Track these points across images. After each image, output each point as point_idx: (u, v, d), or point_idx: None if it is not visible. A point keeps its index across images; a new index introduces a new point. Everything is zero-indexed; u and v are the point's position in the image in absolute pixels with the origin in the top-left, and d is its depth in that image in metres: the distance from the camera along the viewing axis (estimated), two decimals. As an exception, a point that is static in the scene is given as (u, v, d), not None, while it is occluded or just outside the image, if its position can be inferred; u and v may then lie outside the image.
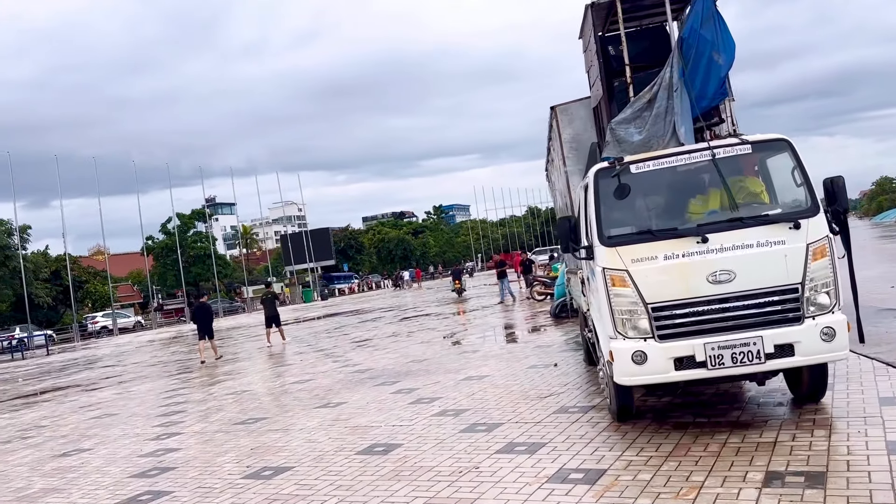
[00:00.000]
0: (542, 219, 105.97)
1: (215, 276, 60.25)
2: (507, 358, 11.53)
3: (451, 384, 9.74)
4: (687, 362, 5.65)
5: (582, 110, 7.82)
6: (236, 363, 17.11)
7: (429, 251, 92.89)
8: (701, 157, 5.97)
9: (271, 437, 8.00)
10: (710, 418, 6.35)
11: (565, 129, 7.81)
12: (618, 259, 5.78)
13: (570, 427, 6.58)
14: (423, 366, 11.95)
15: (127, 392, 14.48)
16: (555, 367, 10.07)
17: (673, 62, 6.21)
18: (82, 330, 51.52)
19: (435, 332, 17.90)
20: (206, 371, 16.24)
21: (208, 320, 19.01)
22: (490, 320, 19.26)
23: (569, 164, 7.81)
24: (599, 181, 6.04)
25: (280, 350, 18.80)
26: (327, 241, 71.61)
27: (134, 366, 21.08)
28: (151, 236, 66.31)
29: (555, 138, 8.40)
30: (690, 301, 5.64)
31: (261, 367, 15.55)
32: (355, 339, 18.63)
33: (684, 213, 6.12)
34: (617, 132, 6.31)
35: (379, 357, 14.02)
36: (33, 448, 9.56)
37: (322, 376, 12.39)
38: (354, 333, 20.77)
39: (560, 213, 10.99)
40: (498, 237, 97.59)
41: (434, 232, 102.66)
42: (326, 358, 15.19)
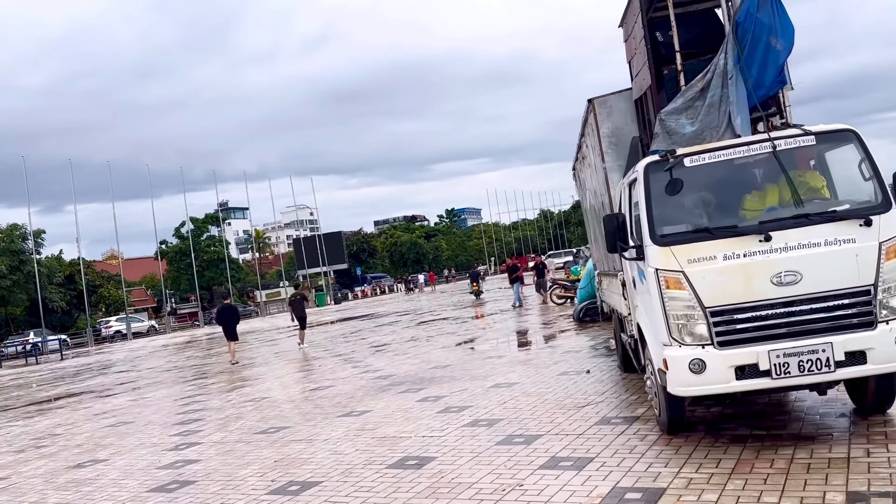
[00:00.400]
0: (555, 222, 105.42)
1: (229, 281, 60.08)
2: (535, 364, 11.10)
3: (479, 392, 9.32)
4: (749, 371, 5.21)
5: (622, 103, 7.41)
6: (253, 368, 16.76)
7: (441, 255, 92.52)
8: (760, 150, 5.54)
9: (295, 447, 7.61)
10: (769, 430, 5.91)
11: (604, 122, 7.40)
12: (672, 259, 5.35)
13: (616, 440, 6.15)
14: (446, 372, 11.54)
15: (142, 398, 14.16)
16: (587, 373, 9.63)
17: (727, 48, 5.78)
18: (96, 334, 51.48)
19: (455, 336, 17.49)
20: (223, 377, 15.90)
21: (234, 322, 18.75)
22: (510, 324, 18.84)
23: (608, 159, 7.39)
24: (650, 176, 5.62)
25: (298, 355, 18.44)
26: (340, 245, 71.45)
27: (149, 371, 20.79)
28: (165, 240, 66.36)
29: (590, 133, 7.99)
30: (753, 304, 5.20)
31: (278, 372, 15.19)
32: (373, 344, 18.25)
33: (739, 210, 5.68)
34: (667, 123, 5.89)
35: (400, 362, 13.62)
36: (47, 458, 9.22)
37: (342, 382, 12.01)
38: (372, 338, 20.39)
39: (591, 212, 10.56)
40: (511, 240, 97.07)
41: (447, 235, 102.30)
42: (345, 363, 14.81)
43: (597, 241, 10.38)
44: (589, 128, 8.03)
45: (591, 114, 7.53)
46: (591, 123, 7.75)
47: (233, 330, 18.63)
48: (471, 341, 15.93)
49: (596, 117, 7.41)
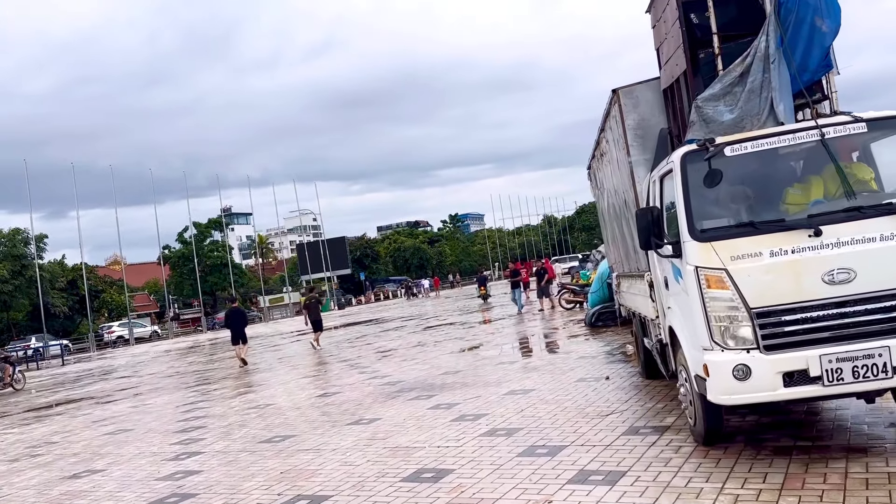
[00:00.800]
0: (559, 227, 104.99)
1: (232, 286, 59.72)
2: (549, 370, 10.67)
3: (494, 399, 8.89)
4: (798, 377, 4.78)
5: (649, 93, 7.00)
6: (256, 374, 16.34)
7: (445, 260, 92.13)
8: (806, 138, 5.12)
9: (302, 458, 7.19)
10: (814, 442, 5.48)
11: (629, 114, 6.99)
12: (714, 256, 4.93)
13: (648, 452, 5.72)
14: (458, 378, 11.11)
15: (143, 405, 13.75)
16: (607, 380, 9.20)
17: (769, 30, 5.37)
18: (98, 339, 51.12)
19: (463, 341, 17.06)
20: (226, 383, 15.48)
21: (242, 325, 18.66)
22: (519, 330, 18.40)
23: (633, 153, 6.98)
24: (687, 166, 5.21)
25: (302, 360, 18.03)
26: (343, 251, 71.07)
27: (150, 377, 20.39)
28: (168, 245, 66.08)
29: (613, 126, 7.58)
30: (802, 305, 4.78)
31: (283, 378, 14.77)
32: (380, 349, 17.82)
33: (781, 204, 5.26)
34: (704, 110, 5.48)
35: (408, 368, 13.19)
36: (42, 468, 8.81)
37: (350, 389, 11.58)
38: (378, 343, 19.96)
39: (609, 212, 10.14)
40: (514, 246, 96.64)
41: (450, 241, 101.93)
42: (352, 369, 14.38)
43: (615, 241, 9.97)
44: (612, 121, 7.62)
45: (616, 105, 7.12)
46: (614, 116, 7.34)
47: (241, 333, 18.54)
48: (480, 346, 15.50)
49: (621, 108, 7.00)
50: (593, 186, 11.83)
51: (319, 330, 20.77)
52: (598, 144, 9.64)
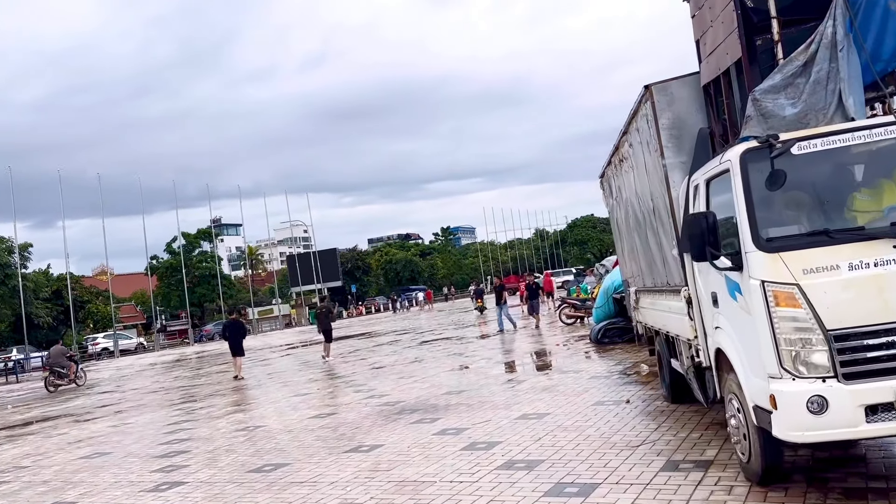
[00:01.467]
0: (550, 241, 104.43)
1: (220, 297, 58.70)
2: (561, 391, 9.95)
3: (505, 424, 8.16)
4: (883, 411, 4.10)
5: (685, 90, 6.35)
6: (246, 391, 15.52)
7: (437, 273, 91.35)
8: (885, 136, 4.46)
9: (296, 492, 6.43)
10: (889, 483, 4.78)
11: (663, 112, 6.33)
12: (783, 269, 4.25)
13: (696, 493, 5.00)
14: (462, 398, 10.37)
15: (123, 424, 12.91)
16: (627, 403, 8.50)
17: (836, 13, 4.73)
18: (82, 351, 49.90)
19: (463, 357, 16.32)
20: (213, 400, 14.66)
21: (240, 337, 18.60)
22: (521, 346, 17.67)
23: (668, 155, 6.32)
24: (748, 165, 4.53)
25: (304, 373, 17.23)
26: (334, 263, 70.25)
27: (133, 392, 19.50)
28: (156, 256, 65.07)
29: (643, 127, 6.91)
30: (888, 327, 4.11)
31: (273, 396, 13.97)
32: (375, 365, 17.05)
33: (847, 210, 4.60)
34: (762, 104, 4.82)
35: (407, 386, 12.44)
36: (6, 498, 7.98)
37: (346, 409, 10.82)
38: (372, 358, 19.17)
39: (627, 221, 9.47)
40: (507, 259, 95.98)
41: (442, 253, 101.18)
42: (346, 387, 13.61)
43: (633, 253, 9.29)
44: (640, 121, 6.96)
45: (648, 103, 6.46)
46: (644, 115, 6.68)
47: (240, 345, 18.43)
48: (481, 363, 14.76)
49: (654, 106, 6.33)
50: (606, 196, 11.16)
51: (329, 340, 20.49)
52: (618, 149, 8.98)
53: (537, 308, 23.35)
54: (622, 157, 8.74)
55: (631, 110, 7.42)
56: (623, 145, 8.50)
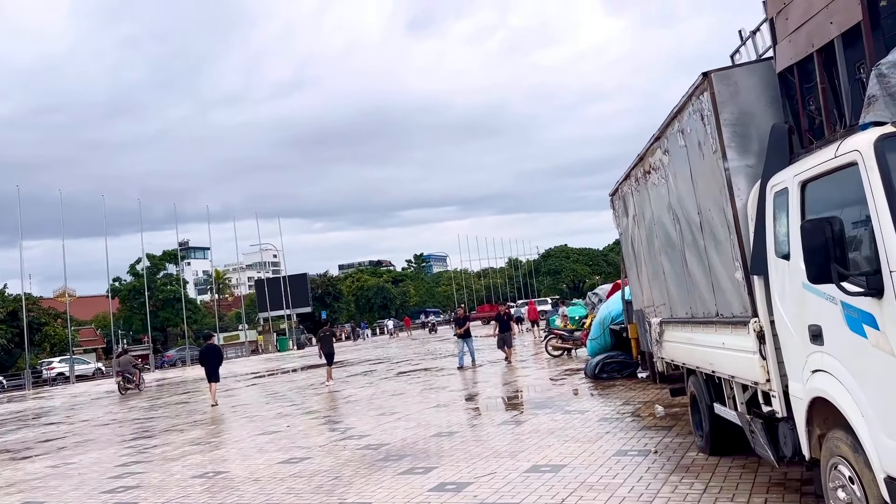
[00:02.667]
0: (524, 271, 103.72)
1: (184, 322, 56.49)
2: (571, 436, 8.70)
3: (516, 478, 6.88)
4: None
5: (752, 78, 5.27)
6: (207, 426, 13.99)
7: (409, 300, 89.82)
8: None
9: (264, 571, 5.06)
10: None
11: (726, 106, 5.24)
12: (950, 296, 3.10)
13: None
14: (456, 442, 9.07)
15: (65, 465, 11.32)
16: (655, 454, 7.28)
17: None
18: (36, 376, 47.43)
19: (446, 391, 15.00)
20: (169, 437, 13.11)
21: (217, 363, 18.32)
22: (509, 379, 16.38)
23: (731, 157, 5.21)
24: (888, 157, 3.40)
25: (271, 406, 15.71)
26: (305, 288, 68.35)
27: (83, 424, 17.76)
28: (119, 278, 62.74)
29: (692, 128, 5.80)
30: None
31: (237, 433, 12.49)
32: (350, 399, 15.63)
33: None
34: (890, 80, 3.70)
35: (390, 425, 11.08)
36: None
37: (321, 453, 9.44)
38: (347, 391, 17.73)
39: (648, 242, 8.34)
40: (480, 287, 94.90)
41: (414, 281, 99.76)
42: (321, 424, 12.19)
43: (658, 277, 8.14)
44: (691, 119, 5.84)
45: (704, 95, 5.35)
46: (699, 110, 5.56)
47: (216, 371, 18.13)
48: (470, 399, 13.47)
49: (714, 99, 5.23)
50: (619, 215, 10.05)
51: (331, 364, 20.59)
52: (643, 160, 7.87)
53: (509, 341, 20.93)
54: (649, 168, 7.63)
55: (673, 109, 6.31)
56: (652, 154, 7.39)
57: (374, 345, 47.42)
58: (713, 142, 5.40)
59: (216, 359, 18.45)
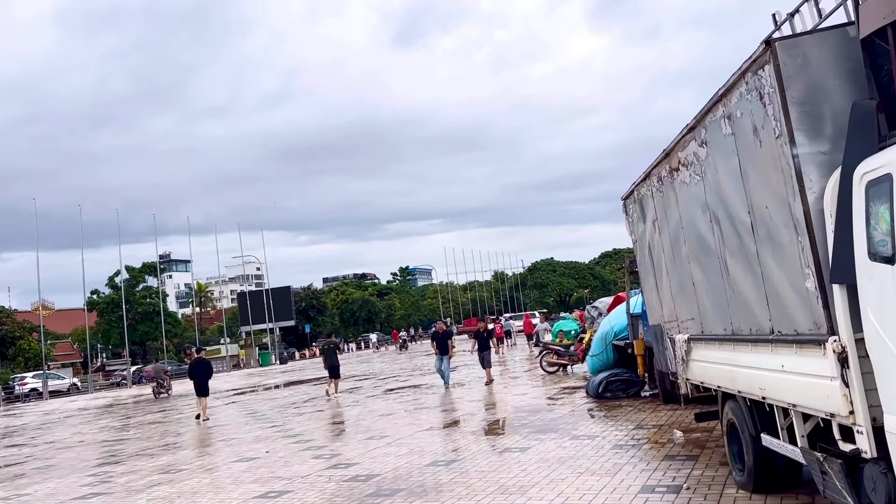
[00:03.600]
0: (510, 284, 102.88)
1: (163, 336, 54.97)
2: (586, 467, 7.75)
3: (529, 520, 5.91)
4: None
5: (825, 48, 4.40)
6: (178, 452, 12.87)
7: (395, 314, 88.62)
8: None
9: None
10: None
11: (793, 81, 4.38)
12: None
13: None
14: (455, 473, 8.09)
15: (17, 497, 10.21)
16: (687, 490, 6.35)
17: None
18: (8, 392, 45.78)
19: (438, 411, 14.03)
20: (137, 463, 11.99)
21: (206, 377, 18.04)
22: (505, 398, 15.39)
23: (800, 142, 4.34)
24: None
25: (251, 428, 14.62)
26: (288, 301, 67.01)
27: (47, 447, 16.54)
28: (97, 290, 61.13)
29: (744, 110, 4.92)
30: None
31: (211, 460, 11.42)
32: (335, 420, 14.59)
33: None
34: None
35: (380, 452, 10.08)
36: None
37: (303, 485, 8.41)
38: (331, 410, 16.68)
39: (670, 249, 7.45)
40: (466, 301, 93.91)
41: (400, 294, 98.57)
42: (303, 450, 11.14)
43: (685, 290, 7.24)
44: (744, 100, 4.95)
45: (767, 67, 4.47)
46: (758, 85, 4.67)
47: (205, 386, 17.88)
48: (463, 420, 12.48)
49: (779, 72, 4.35)
50: (634, 220, 9.16)
51: (336, 377, 20.27)
52: (668, 156, 6.99)
53: (488, 360, 18.90)
54: (678, 164, 6.75)
55: (717, 93, 5.43)
56: (683, 148, 6.50)
57: (359, 359, 46.25)
58: (776, 125, 4.51)
59: (205, 373, 18.15)
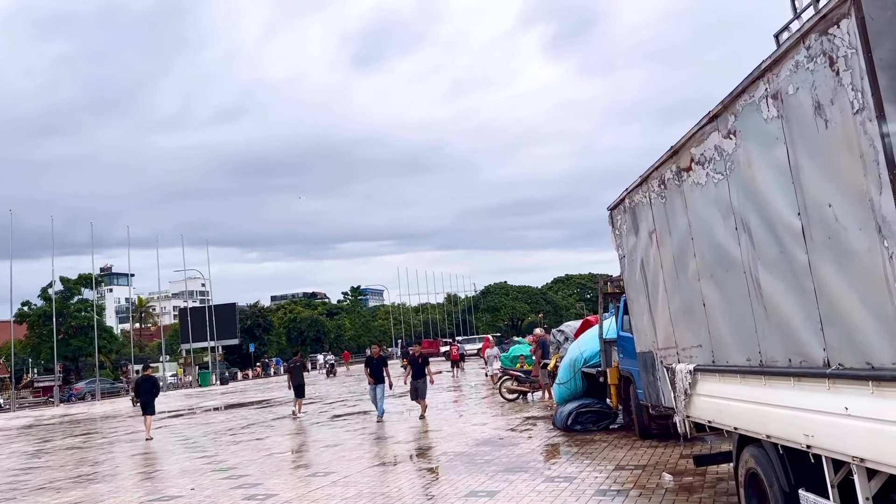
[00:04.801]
0: (462, 307, 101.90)
1: (97, 351, 51.99)
2: (567, 517, 6.56)
3: None
4: None
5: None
6: (90, 486, 11.21)
7: (344, 334, 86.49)
8: None
9: None
10: None
11: (882, 39, 3.34)
12: None
13: None
14: (412, 524, 6.80)
15: None
16: (699, 555, 5.23)
17: None
18: (-79, 410, 42.40)
19: (391, 442, 12.71)
20: (37, 498, 10.33)
21: (153, 395, 17.77)
22: (463, 428, 14.09)
23: (891, 115, 3.34)
24: None
25: (178, 458, 13.01)
26: (233, 318, 64.48)
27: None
28: (28, 302, 57.71)
29: (810, 83, 3.88)
30: None
31: (126, 497, 9.85)
32: (273, 451, 13.09)
33: None
34: None
35: (323, 493, 8.73)
36: None
37: (229, 536, 7.01)
38: (272, 438, 15.16)
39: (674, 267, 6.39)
40: (417, 323, 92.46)
41: (350, 314, 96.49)
42: (233, 487, 9.67)
43: (692, 312, 6.18)
44: (798, 72, 3.92)
45: (845, 23, 3.46)
46: (828, 48, 3.63)
47: (151, 404, 17.57)
48: (422, 454, 11.20)
49: (863, 27, 3.34)
50: (622, 234, 8.09)
51: (301, 396, 20.04)
52: (677, 154, 5.96)
53: (423, 391, 16.55)
54: (691, 162, 5.70)
55: (758, 67, 4.39)
56: (699, 142, 5.47)
57: (305, 381, 44.30)
58: (855, 97, 3.46)
59: (151, 391, 17.84)
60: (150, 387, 17.98)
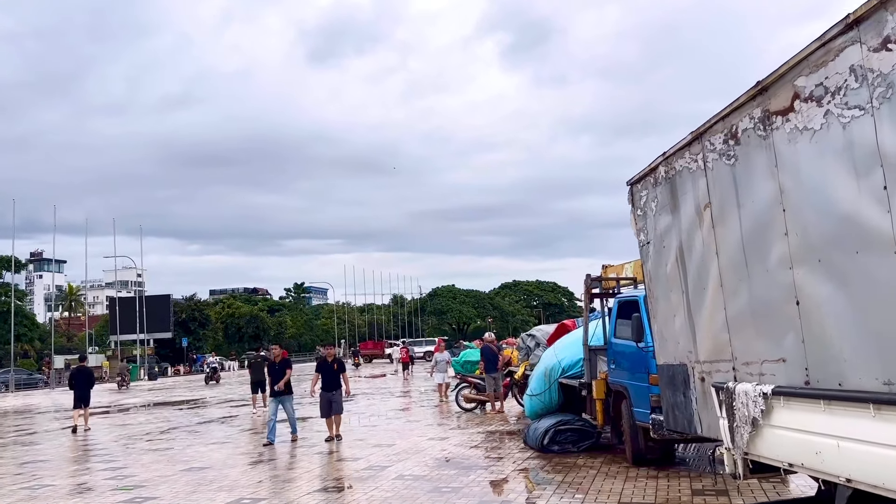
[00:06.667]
0: (408, 309, 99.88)
1: (12, 340, 48.14)
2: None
3: None
4: None
5: None
6: (-46, 506, 8.97)
7: (285, 332, 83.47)
8: None
9: None
10: None
11: None
12: None
13: None
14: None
15: None
16: None
17: None
18: None
19: (335, 460, 10.80)
20: None
21: (88, 386, 17.70)
22: (420, 444, 12.23)
23: None
24: None
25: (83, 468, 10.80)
26: (166, 311, 61.09)
27: None
28: (-59, 285, 53.43)
29: None
30: None
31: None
32: (196, 464, 11.00)
33: None
34: None
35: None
36: None
37: None
38: (194, 448, 13.02)
39: (736, 254, 4.74)
40: (362, 323, 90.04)
41: (293, 311, 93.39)
42: (135, 516, 7.64)
43: (767, 311, 4.53)
44: None
45: None
46: None
47: (87, 395, 17.45)
48: (373, 478, 9.33)
49: None
50: (651, 213, 6.40)
51: (256, 392, 19.47)
52: (766, 91, 4.31)
53: (339, 405, 13.06)
54: (795, 100, 4.05)
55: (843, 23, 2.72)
56: (818, 67, 3.82)
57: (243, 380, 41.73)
58: None
59: (87, 382, 17.71)
60: (86, 379, 17.91)
